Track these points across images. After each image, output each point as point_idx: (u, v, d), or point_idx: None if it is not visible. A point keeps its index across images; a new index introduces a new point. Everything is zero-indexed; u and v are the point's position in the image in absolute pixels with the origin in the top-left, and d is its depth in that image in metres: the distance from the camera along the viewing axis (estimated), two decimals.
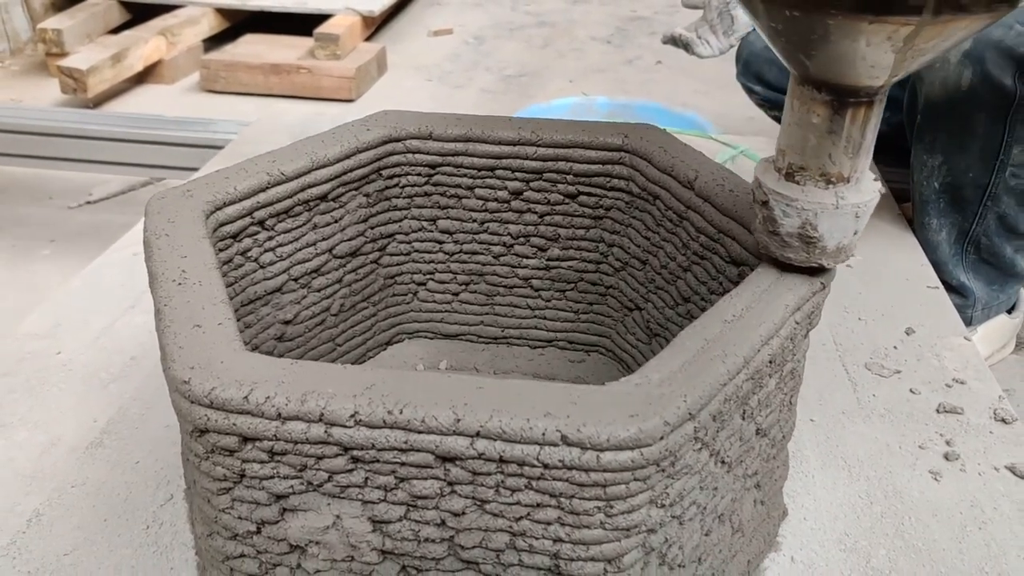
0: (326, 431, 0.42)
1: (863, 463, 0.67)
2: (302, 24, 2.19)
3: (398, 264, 0.74)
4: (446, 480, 0.43)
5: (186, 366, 0.44)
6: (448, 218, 0.73)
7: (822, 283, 0.52)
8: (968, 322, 1.03)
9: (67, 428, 0.69)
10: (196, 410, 0.43)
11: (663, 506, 0.44)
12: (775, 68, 1.21)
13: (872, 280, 0.92)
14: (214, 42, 2.26)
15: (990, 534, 0.61)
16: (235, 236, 0.61)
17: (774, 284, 0.51)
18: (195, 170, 1.21)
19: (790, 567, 0.58)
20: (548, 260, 0.73)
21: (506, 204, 0.72)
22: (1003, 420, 0.72)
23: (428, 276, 0.75)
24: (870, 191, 0.48)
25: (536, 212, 0.72)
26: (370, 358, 0.75)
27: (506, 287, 0.75)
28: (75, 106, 1.93)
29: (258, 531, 0.46)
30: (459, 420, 0.41)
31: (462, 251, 0.74)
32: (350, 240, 0.69)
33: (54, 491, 0.63)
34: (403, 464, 0.42)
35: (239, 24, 2.34)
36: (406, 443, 0.42)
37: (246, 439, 0.43)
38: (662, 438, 0.41)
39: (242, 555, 0.47)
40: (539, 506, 0.43)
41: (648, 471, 0.42)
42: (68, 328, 0.81)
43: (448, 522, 0.44)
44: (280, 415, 0.42)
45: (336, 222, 0.68)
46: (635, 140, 0.67)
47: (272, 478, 0.44)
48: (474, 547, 0.44)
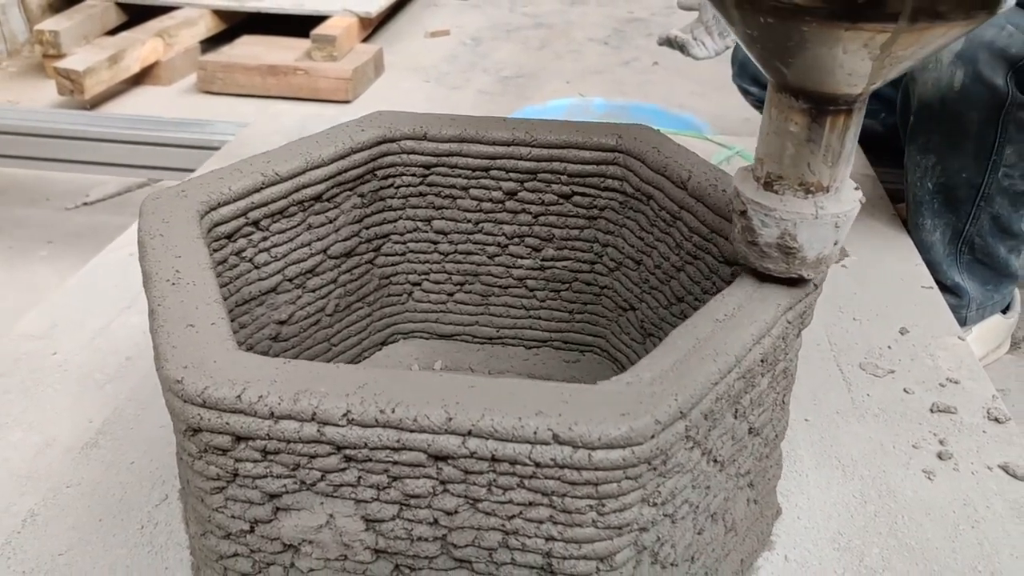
0: (319, 430, 0.42)
1: (857, 462, 0.67)
2: (299, 25, 2.19)
3: (393, 264, 0.74)
4: (438, 479, 0.43)
5: (179, 365, 0.44)
6: (443, 218, 0.73)
7: (814, 283, 0.52)
8: (963, 322, 1.03)
9: (62, 428, 0.69)
10: (189, 409, 0.43)
11: (655, 504, 0.44)
12: None
13: (867, 280, 0.92)
14: (211, 43, 2.26)
15: (983, 533, 0.61)
16: (230, 236, 0.61)
17: (766, 283, 0.51)
18: (192, 171, 1.21)
19: (783, 566, 0.58)
20: (542, 260, 0.73)
21: (500, 204, 0.72)
22: (996, 419, 0.72)
23: (423, 276, 0.75)
24: (850, 201, 0.48)
25: (530, 212, 0.72)
26: (365, 358, 0.75)
27: (501, 287, 0.75)
28: (72, 107, 1.93)
29: (251, 530, 0.46)
30: (451, 419, 0.41)
31: (457, 251, 0.74)
32: (345, 240, 0.69)
33: (49, 491, 0.63)
34: (396, 463, 0.43)
35: (236, 26, 2.34)
36: (398, 442, 0.42)
37: (239, 438, 0.43)
38: (653, 436, 0.41)
39: (236, 554, 0.47)
40: (531, 505, 0.43)
41: (640, 469, 0.42)
42: (64, 329, 0.81)
43: (441, 521, 0.44)
44: (273, 414, 0.42)
45: (331, 222, 0.68)
46: (629, 141, 0.67)
47: (265, 477, 0.44)
48: (467, 546, 0.45)
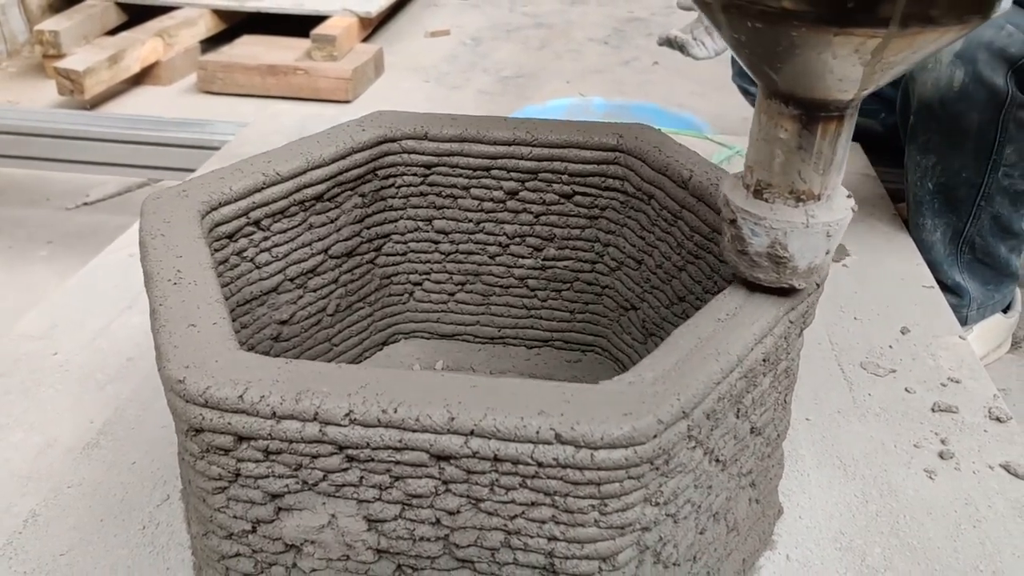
0: (321, 430, 0.42)
1: (858, 462, 0.67)
2: (299, 25, 2.19)
3: (394, 264, 0.74)
4: (441, 479, 0.43)
5: (181, 365, 0.44)
6: (444, 218, 0.73)
7: (816, 282, 0.52)
8: (963, 322, 1.03)
9: (63, 429, 0.69)
10: (191, 409, 0.43)
11: (657, 504, 0.44)
12: None
13: (868, 280, 0.92)
14: (211, 43, 2.26)
15: (985, 532, 0.61)
16: (231, 236, 0.61)
17: None
18: (192, 171, 1.21)
19: (785, 565, 0.58)
20: (544, 260, 0.73)
21: (502, 204, 0.72)
22: (998, 419, 0.72)
23: (424, 276, 0.75)
24: (842, 209, 0.47)
25: (531, 212, 0.72)
26: (366, 358, 0.75)
27: (502, 287, 0.75)
28: (72, 107, 1.93)
29: (253, 530, 0.46)
30: (453, 419, 0.41)
31: (458, 251, 0.74)
32: (346, 240, 0.69)
33: (50, 492, 0.63)
34: (398, 463, 0.42)
35: (236, 25, 2.34)
36: (400, 442, 0.42)
37: (241, 438, 0.43)
38: (656, 436, 0.41)
39: (238, 554, 0.47)
40: (534, 504, 0.43)
41: (642, 469, 0.42)
42: (64, 329, 0.81)
43: (443, 521, 0.44)
44: (275, 414, 0.42)
45: (332, 222, 0.68)
46: (630, 140, 0.67)
47: (267, 477, 0.44)
48: (469, 546, 0.45)
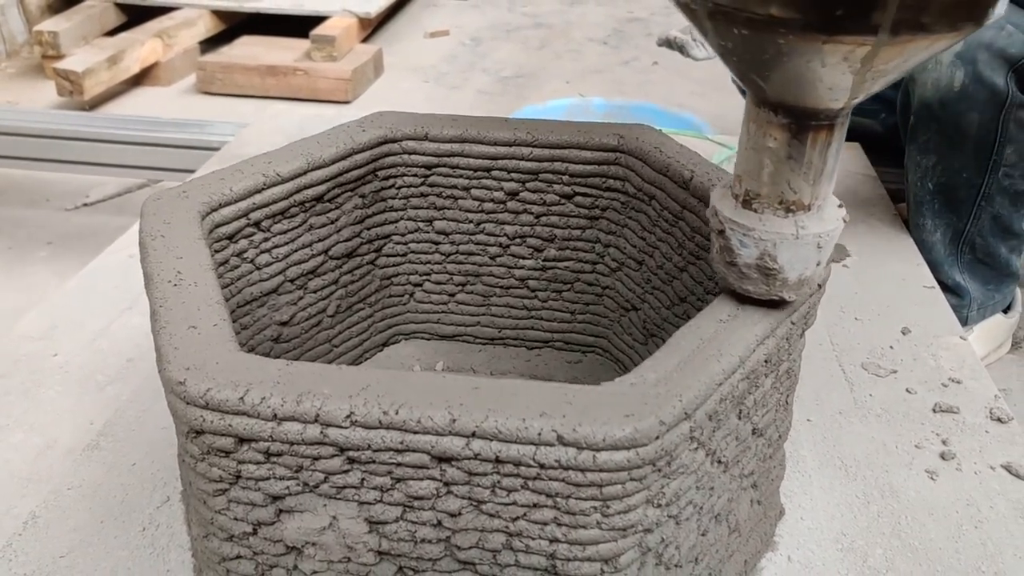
0: (322, 432, 0.42)
1: (860, 463, 0.67)
2: (298, 26, 2.19)
3: (394, 265, 0.74)
4: (442, 481, 0.43)
5: (181, 367, 0.43)
6: (444, 219, 0.73)
7: (818, 284, 0.52)
8: (964, 322, 1.03)
9: (63, 430, 0.69)
10: (191, 411, 0.43)
11: (659, 506, 0.44)
12: None
13: (868, 280, 0.92)
14: (210, 44, 2.26)
15: (986, 533, 0.61)
16: (231, 237, 0.61)
17: None
18: (192, 172, 1.21)
19: (787, 567, 0.58)
20: (544, 261, 0.73)
21: (502, 205, 0.72)
22: (999, 419, 0.72)
23: (424, 277, 0.75)
24: (833, 219, 0.46)
25: (532, 213, 0.72)
26: (367, 359, 0.75)
27: (502, 288, 0.75)
28: (71, 108, 1.93)
29: (254, 532, 0.46)
30: (455, 420, 0.41)
31: (458, 252, 0.74)
32: (346, 241, 0.69)
33: (50, 493, 0.63)
34: (399, 465, 0.42)
35: (235, 26, 2.34)
36: (402, 443, 0.42)
37: (242, 440, 0.43)
38: (658, 438, 0.41)
39: (238, 556, 0.47)
40: (535, 506, 0.43)
41: (644, 471, 0.42)
42: (64, 330, 0.81)
43: (444, 522, 0.44)
44: (276, 416, 0.42)
45: (332, 223, 0.68)
46: (630, 140, 0.67)
47: (268, 479, 0.44)
48: (470, 547, 0.44)
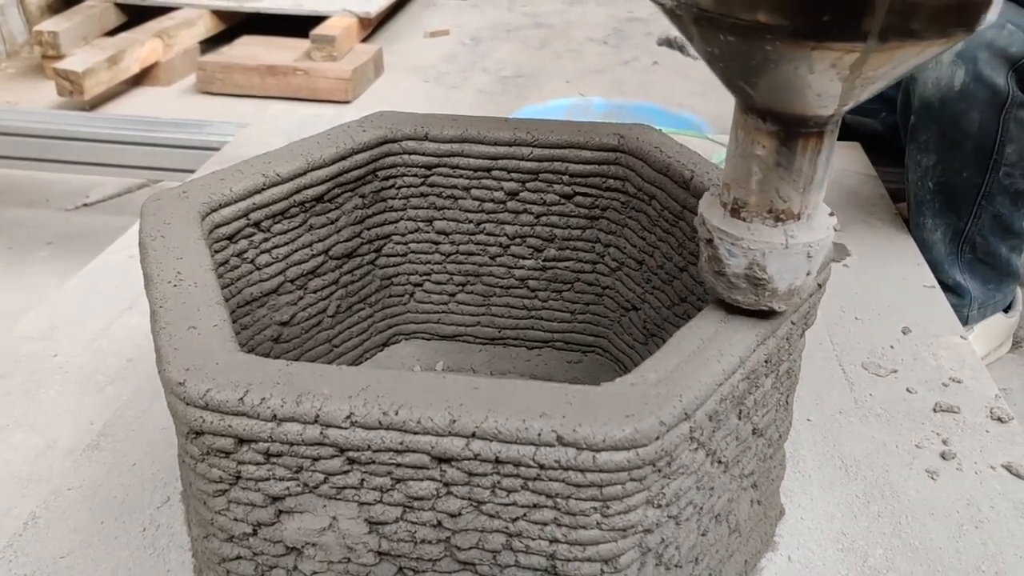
0: (322, 432, 0.42)
1: (860, 462, 0.67)
2: (298, 26, 2.19)
3: (394, 265, 0.74)
4: (442, 481, 0.43)
5: (181, 368, 0.43)
6: (444, 219, 0.73)
7: (818, 284, 0.52)
8: (964, 321, 1.03)
9: (63, 430, 0.69)
10: (191, 412, 0.43)
11: (659, 506, 0.44)
12: None
13: (869, 280, 0.92)
14: (210, 44, 2.26)
15: (987, 533, 0.61)
16: (231, 237, 0.61)
17: None
18: (192, 172, 1.21)
19: (787, 567, 0.58)
20: (544, 261, 0.73)
21: (502, 205, 0.72)
22: (999, 419, 0.72)
23: (424, 277, 0.75)
24: (823, 228, 0.45)
25: (532, 213, 0.72)
26: (367, 359, 0.75)
27: (503, 288, 0.75)
28: (71, 108, 1.92)
29: (254, 533, 0.46)
30: (455, 421, 0.41)
31: (458, 252, 0.74)
32: (346, 241, 0.69)
33: (50, 494, 0.63)
34: (399, 465, 0.42)
35: (235, 26, 2.34)
36: (402, 444, 0.42)
37: (242, 441, 0.43)
38: (658, 438, 0.41)
39: (238, 557, 0.47)
40: (535, 507, 0.42)
41: (644, 471, 0.42)
42: (64, 330, 0.81)
43: (444, 523, 0.44)
44: (276, 417, 0.42)
45: (332, 223, 0.68)
46: (631, 140, 0.67)
47: (268, 480, 0.44)
48: (470, 548, 0.44)
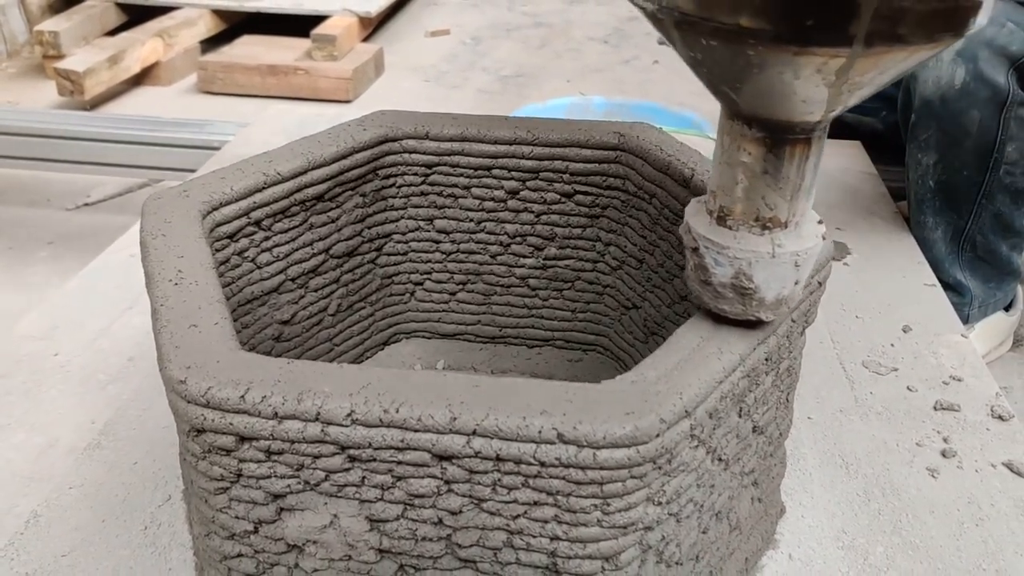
0: (323, 430, 0.42)
1: (860, 460, 0.67)
2: (299, 25, 2.19)
3: (395, 264, 0.74)
4: (443, 479, 0.43)
5: (182, 366, 0.44)
6: (445, 218, 0.73)
7: (819, 282, 0.52)
8: (965, 320, 1.03)
9: (65, 429, 0.69)
10: (192, 410, 0.43)
11: (660, 504, 0.44)
12: None
13: (869, 278, 0.92)
14: (211, 44, 2.26)
15: (987, 531, 0.61)
16: (232, 236, 0.61)
17: None
18: (193, 172, 1.21)
19: (788, 564, 0.58)
20: (545, 259, 0.73)
21: (503, 203, 0.72)
22: (1000, 417, 0.72)
23: (425, 276, 0.75)
24: (812, 237, 0.44)
25: (532, 211, 0.72)
26: (367, 358, 0.75)
27: (503, 286, 0.75)
28: (72, 108, 1.93)
29: (255, 531, 0.46)
30: (455, 418, 0.41)
31: (459, 251, 0.74)
32: (347, 240, 0.69)
33: (52, 492, 0.63)
34: (400, 463, 0.42)
35: (236, 26, 2.34)
36: (402, 442, 0.42)
37: (243, 438, 0.43)
38: (658, 435, 0.41)
39: (240, 555, 0.47)
40: (536, 504, 0.43)
41: (644, 469, 0.42)
42: (65, 329, 0.81)
43: (445, 520, 0.44)
44: (277, 414, 0.42)
45: (333, 222, 0.68)
46: (631, 139, 0.67)
47: (269, 477, 0.44)
48: (471, 545, 0.44)
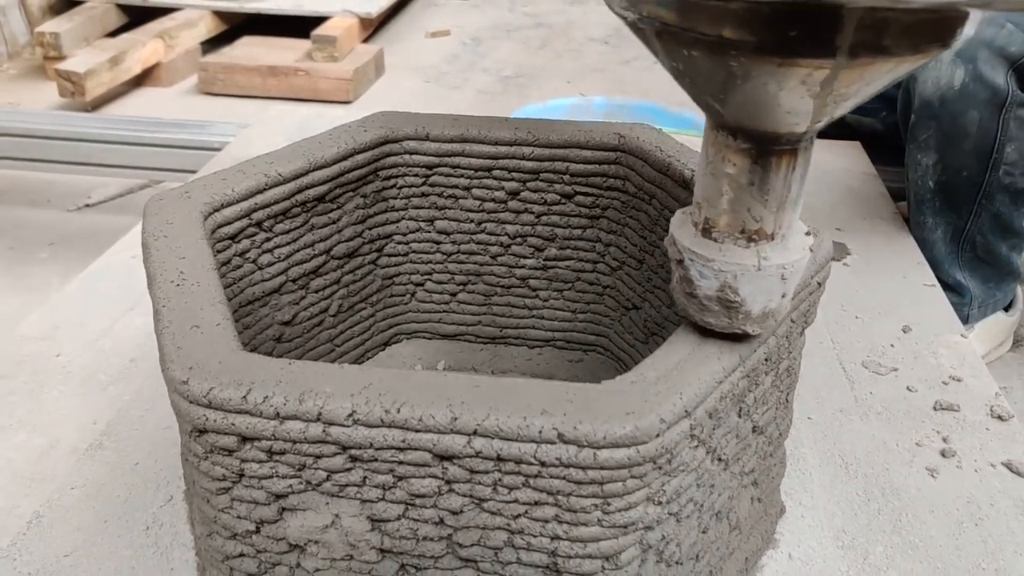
0: (324, 430, 0.42)
1: (860, 460, 0.67)
2: (299, 26, 2.19)
3: (396, 265, 0.74)
4: (444, 479, 0.43)
5: (184, 366, 0.44)
6: (445, 219, 0.73)
7: (818, 282, 0.53)
8: (965, 320, 1.03)
9: (66, 430, 0.69)
10: (195, 410, 0.43)
11: (660, 503, 0.44)
12: None
13: (869, 278, 0.92)
14: (212, 45, 2.26)
15: (987, 530, 0.61)
16: (233, 237, 0.61)
17: None
18: (193, 173, 1.22)
19: (788, 564, 0.58)
20: (545, 260, 0.73)
21: (503, 204, 0.72)
22: (999, 417, 0.72)
23: (426, 277, 0.75)
24: (799, 249, 0.43)
25: (533, 212, 0.72)
26: (368, 359, 0.75)
27: (504, 287, 0.75)
28: (73, 109, 1.93)
29: (257, 530, 0.46)
30: (456, 419, 0.41)
31: (459, 251, 0.74)
32: (348, 241, 0.69)
33: (54, 493, 0.63)
34: (401, 463, 0.43)
35: (236, 27, 2.34)
36: (404, 442, 0.42)
37: (245, 439, 0.43)
38: (658, 435, 0.41)
39: (241, 555, 0.47)
40: (537, 504, 0.43)
41: (645, 468, 0.42)
42: (67, 330, 0.81)
43: (446, 520, 0.44)
44: (278, 415, 0.42)
45: (334, 223, 0.68)
46: (631, 140, 0.67)
47: (271, 477, 0.44)
48: (472, 545, 0.45)
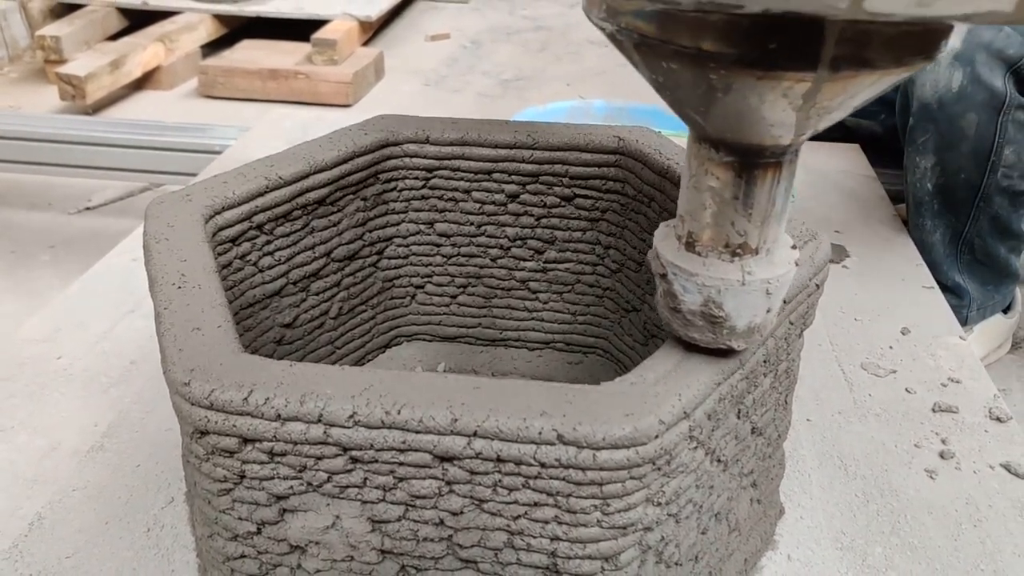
0: (325, 432, 0.42)
1: (859, 462, 0.68)
2: (299, 30, 2.20)
3: (396, 267, 0.74)
4: (444, 480, 0.43)
5: (186, 368, 0.44)
6: (445, 221, 0.73)
7: (816, 284, 0.53)
8: (963, 322, 1.04)
9: (68, 432, 0.69)
10: (196, 412, 0.43)
11: (659, 504, 0.44)
12: None
13: (868, 280, 0.93)
14: (212, 48, 2.27)
15: (985, 532, 0.61)
16: (234, 240, 0.61)
17: None
18: (194, 176, 1.22)
19: (787, 565, 0.59)
20: (545, 262, 0.74)
21: (503, 207, 0.72)
22: (998, 419, 0.72)
23: (426, 279, 0.76)
24: (784, 263, 0.42)
25: (533, 215, 0.72)
26: (369, 361, 0.76)
27: (504, 289, 0.75)
28: (74, 113, 1.93)
29: (258, 532, 0.46)
30: (456, 420, 0.41)
31: (459, 254, 0.74)
32: (348, 244, 0.70)
33: (55, 495, 0.63)
34: (401, 464, 0.43)
35: (236, 30, 2.35)
36: (404, 443, 0.42)
37: (246, 440, 0.43)
38: (657, 436, 0.42)
39: (243, 556, 0.47)
40: (536, 505, 0.43)
41: (644, 469, 0.42)
42: (68, 333, 0.81)
43: (447, 521, 0.44)
44: (279, 416, 0.42)
45: (334, 226, 0.68)
46: (630, 143, 0.68)
47: (272, 479, 0.44)
48: (472, 546, 0.45)
